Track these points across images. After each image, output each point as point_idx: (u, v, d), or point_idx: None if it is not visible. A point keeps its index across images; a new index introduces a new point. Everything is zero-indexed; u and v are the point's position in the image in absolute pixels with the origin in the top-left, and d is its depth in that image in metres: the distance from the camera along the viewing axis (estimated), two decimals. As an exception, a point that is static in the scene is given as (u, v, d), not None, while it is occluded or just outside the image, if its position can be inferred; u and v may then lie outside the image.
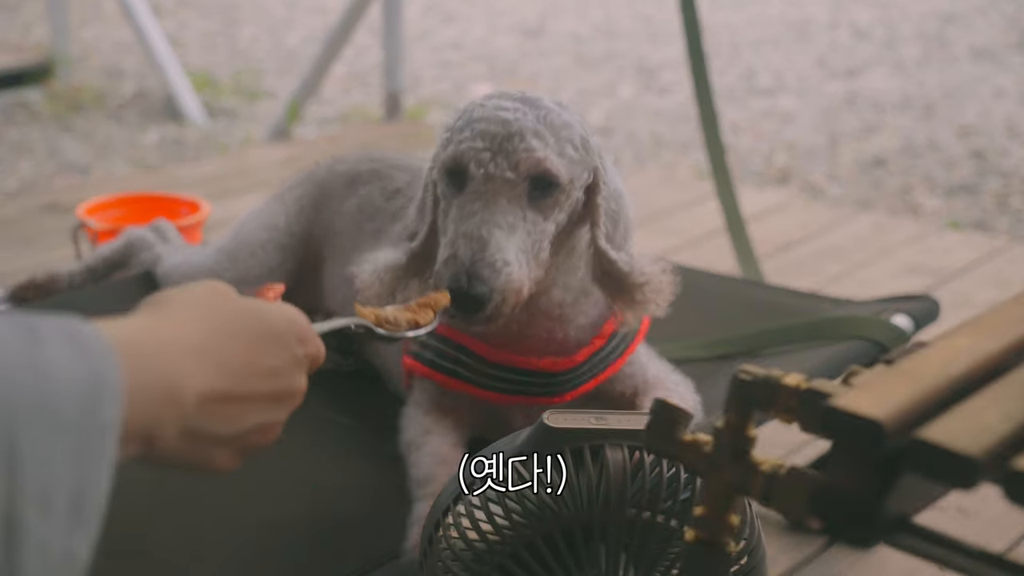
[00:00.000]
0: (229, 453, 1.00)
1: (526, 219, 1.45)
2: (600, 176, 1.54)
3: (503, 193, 1.44)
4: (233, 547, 1.57)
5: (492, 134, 1.45)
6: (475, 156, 1.45)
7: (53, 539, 0.76)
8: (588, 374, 1.65)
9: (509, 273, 1.41)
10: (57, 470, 0.76)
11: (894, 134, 5.36)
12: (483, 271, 1.39)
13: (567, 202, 1.50)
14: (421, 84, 6.16)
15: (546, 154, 1.45)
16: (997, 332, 0.99)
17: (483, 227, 1.42)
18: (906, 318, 2.05)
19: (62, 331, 0.81)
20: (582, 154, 1.51)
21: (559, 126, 1.49)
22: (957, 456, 0.82)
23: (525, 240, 1.45)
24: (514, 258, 1.42)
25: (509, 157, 1.44)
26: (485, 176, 1.44)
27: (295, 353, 1.04)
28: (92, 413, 0.79)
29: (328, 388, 1.99)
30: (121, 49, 6.68)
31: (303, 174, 2.14)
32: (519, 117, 1.47)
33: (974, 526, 1.92)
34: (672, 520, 1.27)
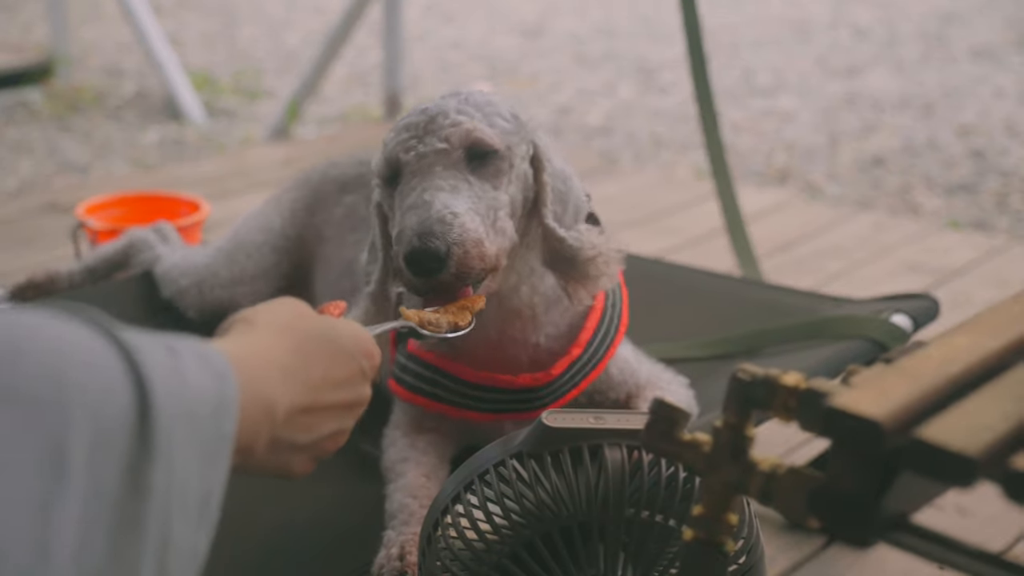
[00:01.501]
0: (305, 459, 1.09)
1: (470, 183, 1.43)
2: (541, 153, 1.52)
3: (438, 162, 1.43)
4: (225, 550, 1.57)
5: (415, 123, 1.45)
6: (403, 145, 1.45)
7: (187, 535, 0.84)
8: (568, 384, 1.63)
9: (462, 224, 1.37)
10: (193, 473, 0.84)
11: (894, 134, 5.36)
12: (433, 227, 1.36)
13: (511, 171, 1.47)
14: (421, 84, 6.16)
15: (473, 124, 1.44)
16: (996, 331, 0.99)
17: (424, 193, 1.40)
18: (905, 317, 2.05)
19: (192, 349, 0.89)
20: (514, 124, 1.49)
21: (482, 104, 1.48)
22: (955, 455, 0.82)
23: (475, 201, 1.42)
24: (464, 210, 1.39)
25: (437, 133, 1.43)
26: (417, 156, 1.43)
27: (361, 366, 1.12)
28: (218, 425, 0.87)
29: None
30: (121, 49, 6.68)
31: (299, 177, 2.14)
32: (439, 104, 1.47)
33: (972, 525, 1.92)
34: (670, 519, 1.27)
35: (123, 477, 0.77)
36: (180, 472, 0.82)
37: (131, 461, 0.78)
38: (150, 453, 0.79)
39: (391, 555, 1.44)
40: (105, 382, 0.77)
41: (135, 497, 0.78)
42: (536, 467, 1.27)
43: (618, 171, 4.18)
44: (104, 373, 0.78)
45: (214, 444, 0.87)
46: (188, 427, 0.83)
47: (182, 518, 0.83)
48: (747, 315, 2.22)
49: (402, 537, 1.47)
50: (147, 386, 0.80)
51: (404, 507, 1.52)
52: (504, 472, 1.28)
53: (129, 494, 0.78)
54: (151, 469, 0.79)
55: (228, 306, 2.07)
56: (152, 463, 0.79)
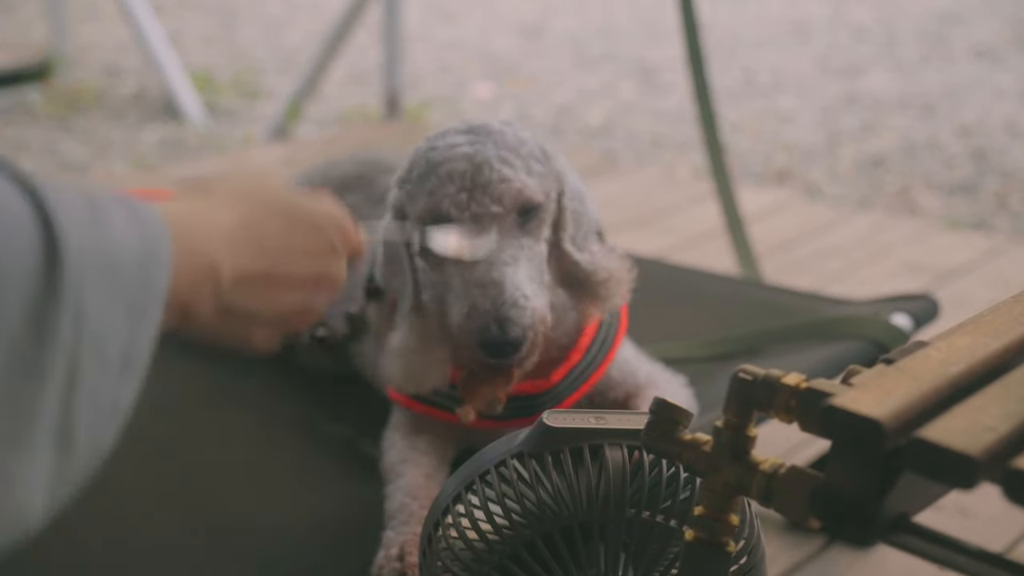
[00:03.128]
0: (267, 332, 1.06)
1: (523, 247, 1.42)
2: (563, 179, 1.51)
3: (495, 229, 1.41)
4: (226, 550, 1.57)
5: (460, 173, 1.41)
6: (453, 200, 1.41)
7: (104, 387, 0.83)
8: (568, 390, 1.63)
9: (533, 307, 1.39)
10: (113, 326, 0.83)
11: (893, 134, 5.36)
12: (510, 313, 1.36)
13: (548, 217, 1.48)
14: (421, 84, 6.16)
15: (521, 181, 1.42)
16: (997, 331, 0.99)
17: (492, 270, 1.38)
18: (906, 317, 2.05)
19: (120, 203, 0.86)
20: (546, 165, 1.48)
21: (517, 145, 1.45)
22: (956, 456, 0.82)
23: (530, 267, 1.42)
24: (531, 290, 1.40)
25: (488, 191, 1.41)
26: (472, 218, 1.41)
27: (331, 240, 1.09)
28: (145, 278, 0.85)
29: (325, 393, 2.00)
30: (120, 48, 6.68)
31: (300, 176, 2.14)
32: (478, 149, 1.42)
33: (974, 526, 1.92)
34: (671, 520, 1.27)
35: (23, 319, 0.76)
36: (95, 322, 0.81)
37: (33, 304, 0.77)
38: (57, 299, 0.78)
39: (390, 555, 1.44)
40: (8, 222, 0.77)
41: (37, 342, 0.77)
42: (537, 467, 1.27)
43: (618, 171, 4.18)
44: (7, 215, 0.77)
45: (140, 296, 0.85)
46: (107, 277, 0.82)
47: (98, 369, 0.82)
48: (747, 315, 2.22)
49: (401, 538, 1.46)
50: (56, 231, 0.78)
51: (404, 507, 1.51)
52: (505, 472, 1.28)
53: (29, 338, 0.77)
54: (57, 315, 0.78)
55: None
56: (58, 309, 0.78)
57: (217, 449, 1.82)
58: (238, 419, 1.91)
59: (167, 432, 1.87)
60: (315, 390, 2.00)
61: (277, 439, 1.86)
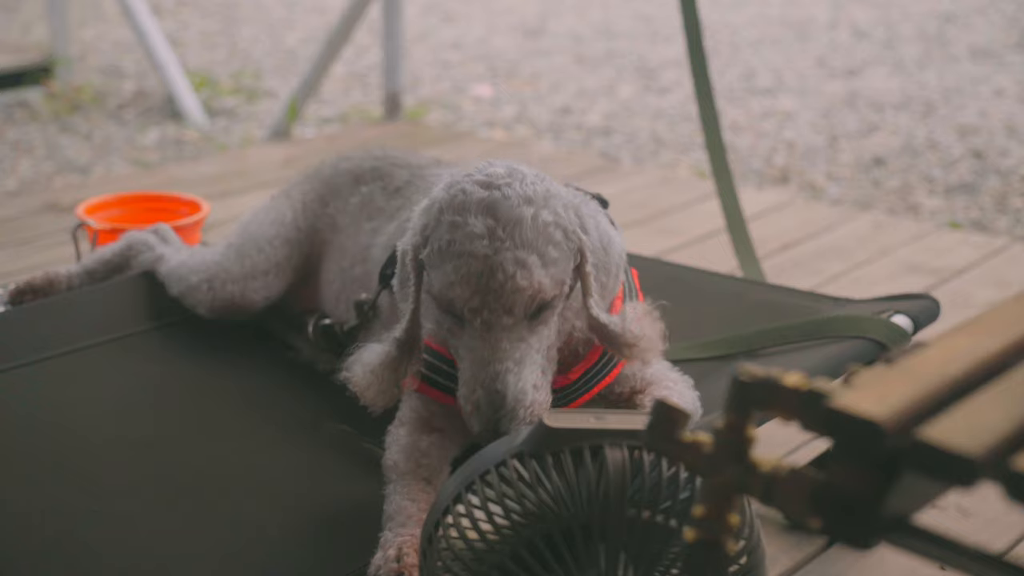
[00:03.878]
0: None
1: (531, 345, 1.47)
2: (584, 246, 1.52)
3: (504, 336, 1.45)
4: (227, 549, 1.57)
5: (477, 274, 1.44)
6: (466, 303, 1.45)
7: None
8: (582, 389, 1.65)
9: (531, 405, 1.45)
10: None
11: (894, 134, 5.36)
12: (507, 425, 1.44)
13: (560, 302, 1.52)
14: (421, 84, 6.16)
15: (536, 284, 1.44)
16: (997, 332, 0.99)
17: (496, 380, 1.44)
18: (906, 317, 2.05)
19: None
20: (566, 246, 1.49)
21: (535, 237, 1.46)
22: (956, 455, 0.82)
23: (535, 361, 1.48)
24: (532, 388, 1.46)
25: (501, 300, 1.44)
26: (483, 323, 1.45)
27: None
28: None
29: (327, 391, 2.00)
30: (121, 49, 6.68)
31: (310, 171, 2.17)
32: (497, 247, 1.44)
33: (974, 526, 1.92)
34: (672, 520, 1.27)
35: None
36: None
37: None
38: None
39: (388, 556, 1.44)
40: None
41: None
42: (537, 467, 1.27)
43: (619, 171, 4.18)
44: None
45: None
46: None
47: None
48: (748, 315, 2.22)
49: (399, 538, 1.47)
50: None
51: (402, 509, 1.52)
52: (505, 472, 1.28)
53: None
54: None
55: (239, 301, 2.08)
56: None
57: (217, 448, 1.82)
58: (239, 418, 1.91)
59: (168, 431, 1.87)
60: (317, 388, 2.00)
61: (278, 437, 1.86)
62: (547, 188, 1.50)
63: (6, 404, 1.91)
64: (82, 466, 1.74)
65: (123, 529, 1.60)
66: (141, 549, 1.56)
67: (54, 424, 1.85)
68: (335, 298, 2.01)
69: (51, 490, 1.68)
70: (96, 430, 1.84)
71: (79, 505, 1.65)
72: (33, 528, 1.59)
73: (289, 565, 1.54)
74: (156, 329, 2.17)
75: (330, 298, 2.04)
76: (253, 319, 2.14)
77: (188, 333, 2.15)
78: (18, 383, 1.97)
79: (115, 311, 2.18)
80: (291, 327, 2.15)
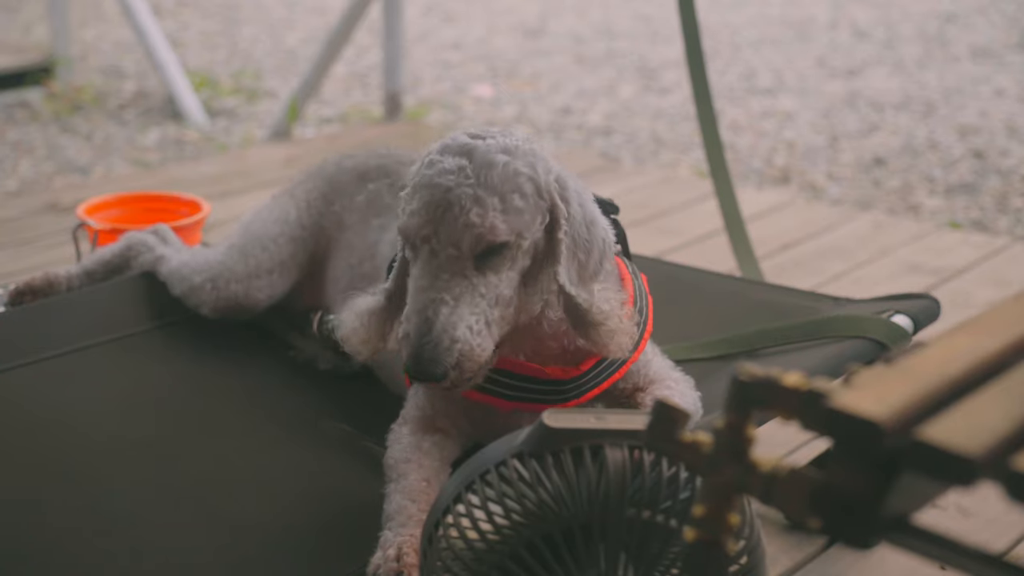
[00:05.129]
0: None
1: (473, 285, 1.46)
2: (559, 213, 1.52)
3: (447, 267, 1.46)
4: (228, 548, 1.57)
5: (434, 204, 1.46)
6: (418, 231, 1.47)
7: None
8: (592, 382, 1.65)
9: (460, 349, 1.44)
10: None
11: (894, 134, 5.36)
12: (432, 352, 1.43)
13: (520, 252, 1.50)
14: (421, 84, 6.16)
15: (488, 224, 1.45)
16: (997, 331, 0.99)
17: (429, 307, 1.45)
18: (906, 317, 2.05)
19: None
20: (534, 200, 1.50)
21: (501, 183, 1.47)
22: (956, 455, 0.82)
23: (476, 304, 1.46)
24: (463, 332, 1.44)
25: (450, 232, 1.45)
26: (430, 251, 1.47)
27: None
28: None
29: (329, 391, 2.00)
30: (121, 49, 6.68)
31: (312, 169, 2.17)
32: (460, 181, 1.46)
33: (974, 525, 1.92)
34: (672, 520, 1.27)
35: None
36: None
37: None
38: None
39: (388, 556, 1.45)
40: None
41: None
42: (537, 467, 1.27)
43: (619, 171, 4.18)
44: None
45: None
46: None
47: None
48: (748, 315, 2.22)
49: (399, 538, 1.47)
50: None
51: (403, 509, 1.52)
52: (505, 472, 1.28)
53: None
54: None
55: (243, 301, 2.08)
56: None
57: (218, 447, 1.82)
58: (239, 417, 1.92)
59: (168, 430, 1.87)
60: (318, 387, 2.01)
61: (279, 436, 1.86)
62: (533, 149, 1.53)
63: (6, 404, 1.91)
64: (82, 466, 1.74)
65: (124, 529, 1.60)
66: (142, 548, 1.56)
67: (54, 424, 1.85)
68: (343, 292, 2.01)
69: (52, 490, 1.68)
70: (96, 430, 1.84)
71: (80, 505, 1.65)
72: (34, 528, 1.60)
73: (289, 564, 1.54)
74: (156, 329, 2.17)
75: (337, 295, 2.03)
76: (255, 319, 2.14)
77: (188, 333, 2.16)
78: (18, 383, 1.97)
79: (115, 311, 2.18)
80: (292, 326, 2.15)
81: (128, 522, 1.61)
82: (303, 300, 2.14)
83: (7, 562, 1.53)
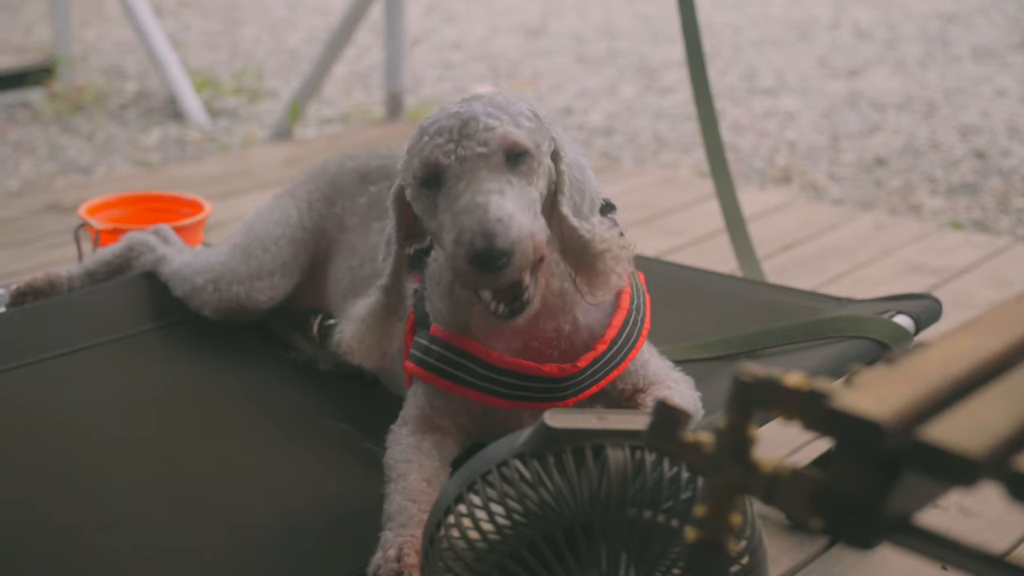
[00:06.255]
0: None
1: (512, 183, 1.47)
2: (559, 145, 1.57)
3: (481, 166, 1.46)
4: (228, 548, 1.57)
5: (449, 127, 1.49)
6: (442, 150, 1.48)
7: None
8: (590, 380, 1.65)
9: (519, 223, 1.42)
10: None
11: (896, 134, 5.36)
12: (495, 228, 1.40)
13: (540, 169, 1.52)
14: (422, 84, 6.16)
15: (506, 128, 1.48)
16: (998, 331, 0.99)
17: (477, 196, 1.44)
18: (908, 318, 2.05)
19: None
20: (537, 123, 1.54)
21: (505, 105, 1.52)
22: (958, 456, 0.82)
23: (519, 198, 1.46)
24: (516, 210, 1.44)
25: (475, 137, 1.47)
26: (459, 160, 1.47)
27: None
28: None
29: (329, 391, 2.00)
30: (122, 49, 6.68)
31: (314, 170, 2.17)
32: (467, 108, 1.50)
33: (976, 526, 1.92)
34: (673, 520, 1.27)
35: None
36: None
37: None
38: None
39: (388, 556, 1.45)
40: None
41: None
42: (539, 467, 1.27)
43: (620, 171, 4.18)
44: None
45: None
46: None
47: None
48: (749, 315, 2.22)
49: (400, 539, 1.47)
50: None
51: (403, 510, 1.52)
52: (507, 472, 1.28)
53: None
54: None
55: (245, 302, 2.08)
56: None
57: (218, 447, 1.82)
58: (240, 417, 1.92)
59: (168, 430, 1.87)
60: (318, 388, 2.01)
61: (279, 437, 1.86)
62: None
63: (7, 404, 1.91)
64: (82, 466, 1.74)
65: (124, 529, 1.60)
66: (142, 548, 1.56)
67: (54, 424, 1.85)
68: (343, 297, 2.01)
69: (52, 490, 1.68)
70: (96, 430, 1.84)
71: (80, 505, 1.65)
72: (34, 528, 1.60)
73: (289, 564, 1.54)
74: (157, 329, 2.17)
75: (338, 297, 2.04)
76: (256, 319, 2.14)
77: (189, 333, 2.16)
78: (19, 383, 1.97)
79: (116, 311, 2.18)
80: (292, 327, 2.15)
81: (128, 522, 1.61)
82: (304, 301, 2.14)
83: (7, 562, 1.53)
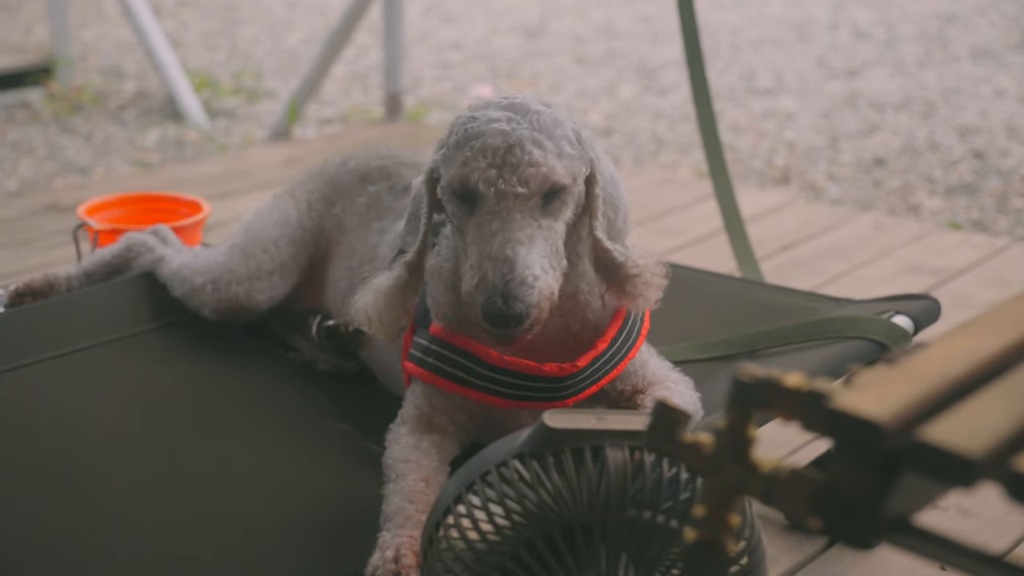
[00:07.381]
0: None
1: (541, 227, 1.47)
2: (596, 167, 1.56)
3: (516, 208, 1.46)
4: (228, 549, 1.57)
5: (493, 149, 1.47)
6: (482, 175, 1.47)
7: None
8: (590, 379, 1.65)
9: (541, 287, 1.44)
10: None
11: (894, 134, 5.36)
12: (517, 291, 1.42)
13: (572, 199, 1.52)
14: (421, 84, 6.16)
15: (550, 165, 1.47)
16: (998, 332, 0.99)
17: (507, 246, 1.43)
18: (907, 318, 2.05)
19: None
20: (578, 149, 1.53)
21: (552, 126, 1.50)
22: (957, 456, 0.82)
23: (545, 247, 1.47)
24: (540, 269, 1.45)
25: (517, 172, 1.46)
26: (497, 194, 1.46)
27: None
28: None
29: (328, 391, 2.00)
30: (121, 49, 6.68)
31: (313, 170, 2.17)
32: (514, 127, 1.48)
33: (975, 526, 1.92)
34: (672, 520, 1.27)
35: None
36: None
37: None
38: None
39: (386, 557, 1.44)
40: None
41: None
42: (538, 467, 1.27)
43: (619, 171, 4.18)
44: None
45: None
46: None
47: None
48: (749, 316, 2.22)
49: (398, 539, 1.47)
50: None
51: (401, 510, 1.52)
52: (506, 472, 1.28)
53: None
54: None
55: (244, 302, 2.08)
56: None
57: (217, 448, 1.82)
58: (239, 417, 1.92)
59: (168, 430, 1.87)
60: (318, 388, 2.01)
61: (278, 437, 1.86)
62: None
63: (6, 404, 1.91)
64: (82, 466, 1.74)
65: (124, 529, 1.60)
66: (142, 548, 1.56)
67: (54, 424, 1.85)
68: (342, 297, 2.01)
69: (52, 490, 1.68)
70: (96, 430, 1.84)
71: (80, 505, 1.65)
72: (34, 528, 1.59)
73: (288, 564, 1.54)
74: (156, 329, 2.17)
75: (337, 297, 2.04)
76: (255, 320, 2.14)
77: (188, 333, 2.15)
78: (18, 383, 1.97)
79: (115, 312, 2.18)
80: (292, 328, 2.15)
81: (128, 522, 1.61)
82: (303, 302, 2.14)
83: (7, 562, 1.53)
